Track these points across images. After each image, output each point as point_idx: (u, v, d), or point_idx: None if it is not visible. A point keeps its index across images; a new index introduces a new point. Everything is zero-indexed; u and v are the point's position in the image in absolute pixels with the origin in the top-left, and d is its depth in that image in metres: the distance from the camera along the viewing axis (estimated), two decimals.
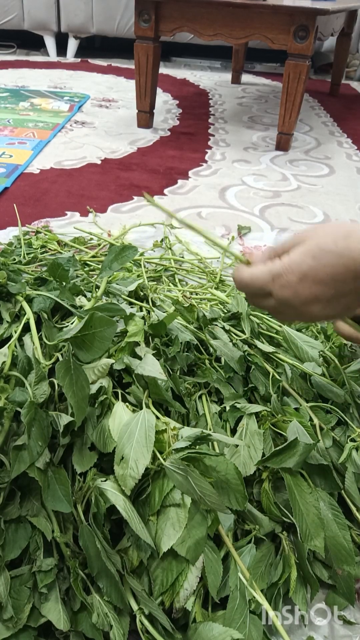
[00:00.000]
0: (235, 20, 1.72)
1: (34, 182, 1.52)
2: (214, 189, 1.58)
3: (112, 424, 0.54)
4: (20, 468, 0.49)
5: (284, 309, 0.55)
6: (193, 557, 0.49)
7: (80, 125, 2.07)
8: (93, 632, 0.48)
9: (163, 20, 1.80)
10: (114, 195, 1.47)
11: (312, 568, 0.55)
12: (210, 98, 2.66)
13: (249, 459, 0.59)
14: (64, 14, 3.28)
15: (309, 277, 0.51)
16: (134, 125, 2.07)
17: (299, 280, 0.52)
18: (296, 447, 0.56)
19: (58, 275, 0.70)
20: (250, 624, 0.49)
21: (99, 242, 1.13)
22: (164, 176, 1.63)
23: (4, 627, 0.47)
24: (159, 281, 1.01)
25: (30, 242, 1.06)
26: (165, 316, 0.68)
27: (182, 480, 0.49)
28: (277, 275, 0.53)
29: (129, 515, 0.49)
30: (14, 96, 2.39)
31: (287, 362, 0.71)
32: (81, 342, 0.56)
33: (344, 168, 1.84)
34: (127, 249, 0.64)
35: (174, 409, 0.61)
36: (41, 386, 0.54)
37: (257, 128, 2.21)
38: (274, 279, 0.54)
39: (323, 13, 1.64)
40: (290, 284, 0.52)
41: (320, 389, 0.69)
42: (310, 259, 0.51)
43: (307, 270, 0.51)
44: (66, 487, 0.51)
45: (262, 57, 3.47)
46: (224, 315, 0.79)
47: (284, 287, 0.53)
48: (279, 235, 1.32)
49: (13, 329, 0.63)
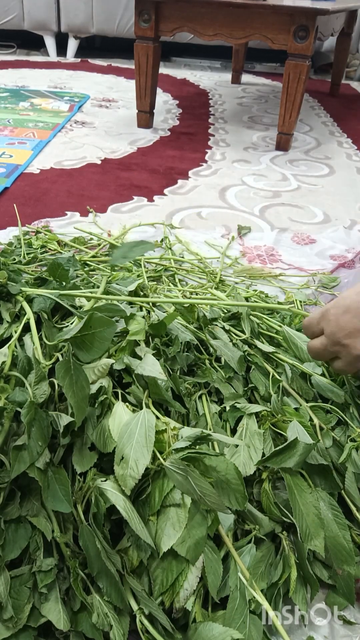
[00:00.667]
0: (235, 20, 1.72)
1: (34, 182, 1.52)
2: (214, 189, 1.58)
3: (112, 424, 0.54)
4: (20, 468, 0.49)
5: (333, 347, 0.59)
6: (193, 557, 0.49)
7: (80, 125, 2.07)
8: (93, 632, 0.48)
9: (163, 20, 1.80)
10: (114, 195, 1.47)
11: (312, 568, 0.55)
12: (210, 98, 2.66)
13: (249, 459, 0.59)
14: (64, 14, 3.27)
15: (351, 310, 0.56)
16: (134, 125, 2.07)
17: (342, 313, 0.57)
18: (296, 447, 0.56)
19: (58, 275, 0.70)
20: (250, 624, 0.49)
21: (99, 242, 1.13)
22: (164, 176, 1.63)
23: (4, 627, 0.47)
24: (159, 281, 1.01)
25: (30, 242, 1.06)
26: (166, 316, 0.68)
27: (182, 480, 0.49)
28: (326, 311, 0.59)
29: (129, 515, 0.49)
30: (14, 96, 2.39)
31: (287, 362, 0.71)
32: (81, 342, 0.56)
33: (344, 168, 1.84)
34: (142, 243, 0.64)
35: (174, 409, 0.61)
36: (41, 386, 0.54)
37: (257, 128, 2.21)
38: (323, 315, 0.59)
39: (323, 13, 1.64)
40: (335, 316, 0.57)
41: (320, 389, 0.69)
42: (355, 294, 0.57)
43: (350, 304, 0.56)
44: (66, 487, 0.51)
45: (262, 57, 3.47)
46: (224, 315, 0.79)
47: (330, 320, 0.58)
48: (279, 235, 1.32)
49: (13, 329, 0.63)
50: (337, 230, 1.37)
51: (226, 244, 1.23)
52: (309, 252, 1.26)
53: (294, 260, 1.22)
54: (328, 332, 0.58)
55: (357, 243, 1.31)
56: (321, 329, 0.60)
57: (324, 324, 0.59)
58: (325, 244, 1.29)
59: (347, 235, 1.35)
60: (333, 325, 0.57)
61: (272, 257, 1.22)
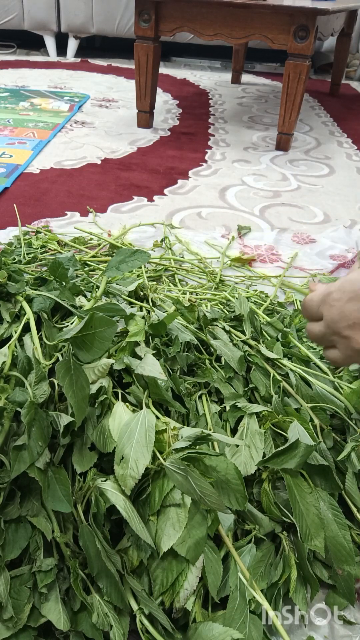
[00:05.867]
0: (235, 20, 1.72)
1: (34, 182, 1.52)
2: (214, 189, 1.57)
3: (112, 424, 0.54)
4: (20, 468, 0.49)
5: (331, 336, 0.51)
6: (193, 557, 0.49)
7: (80, 125, 2.07)
8: (93, 632, 0.48)
9: (163, 20, 1.80)
10: (114, 195, 1.47)
11: (312, 568, 0.55)
12: (210, 98, 2.66)
13: (249, 459, 0.59)
14: (64, 14, 3.27)
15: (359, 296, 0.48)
16: (134, 125, 2.07)
17: (348, 299, 0.48)
18: (297, 448, 0.56)
19: (58, 274, 0.70)
20: (250, 624, 0.49)
21: (99, 242, 1.13)
22: (164, 176, 1.63)
23: (4, 627, 0.47)
24: (159, 281, 1.01)
25: (30, 242, 1.06)
26: (166, 316, 0.68)
27: (182, 480, 0.49)
28: (329, 294, 0.50)
29: (129, 515, 0.49)
30: (14, 96, 2.39)
31: (289, 367, 0.71)
32: (81, 342, 0.56)
33: (344, 168, 1.84)
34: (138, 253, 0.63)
35: (174, 409, 0.61)
36: (41, 386, 0.54)
37: (257, 128, 2.21)
38: (325, 298, 0.51)
39: (323, 13, 1.64)
40: (338, 301, 0.49)
41: (322, 400, 0.68)
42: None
43: (358, 290, 0.48)
44: (66, 487, 0.51)
45: (262, 57, 3.47)
46: (225, 315, 0.79)
47: (332, 305, 0.50)
48: (279, 235, 1.32)
49: (13, 329, 0.63)
50: (337, 230, 1.37)
51: (226, 244, 1.23)
52: (309, 252, 1.26)
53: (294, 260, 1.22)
54: (328, 319, 0.50)
55: (357, 243, 1.31)
56: (321, 313, 0.52)
57: (324, 309, 0.51)
58: (325, 244, 1.29)
59: (347, 235, 1.35)
60: (335, 312, 0.49)
61: (273, 257, 1.22)
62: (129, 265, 0.64)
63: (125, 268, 0.63)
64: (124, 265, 0.63)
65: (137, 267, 0.73)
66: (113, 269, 0.64)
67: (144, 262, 0.66)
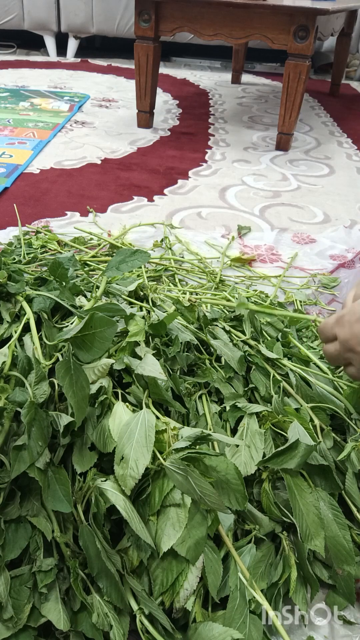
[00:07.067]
0: (235, 20, 1.72)
1: (34, 182, 1.52)
2: (214, 189, 1.57)
3: (112, 424, 0.54)
4: (20, 468, 0.49)
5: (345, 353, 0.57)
6: (193, 557, 0.49)
7: (80, 125, 2.07)
8: (93, 632, 0.48)
9: (163, 20, 1.80)
10: (114, 195, 1.47)
11: (312, 568, 0.55)
12: (210, 98, 2.66)
13: (249, 459, 0.59)
14: (64, 14, 3.27)
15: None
16: (134, 125, 2.07)
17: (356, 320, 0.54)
18: (297, 448, 0.56)
19: (58, 274, 0.70)
20: (250, 624, 0.49)
21: (99, 242, 1.13)
22: (164, 176, 1.63)
23: (4, 627, 0.47)
24: (159, 281, 1.01)
25: (30, 242, 1.06)
26: (166, 316, 0.68)
27: (182, 480, 0.49)
28: (341, 317, 0.57)
29: (129, 515, 0.49)
30: (14, 96, 2.39)
31: (289, 367, 0.71)
32: (81, 342, 0.56)
33: (344, 168, 1.84)
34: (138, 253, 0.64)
35: (174, 409, 0.61)
36: (41, 386, 0.54)
37: (257, 128, 2.21)
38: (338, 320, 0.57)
39: (323, 13, 1.64)
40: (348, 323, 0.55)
41: (322, 399, 0.68)
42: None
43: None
44: (66, 487, 0.51)
45: (262, 57, 3.47)
46: (225, 315, 0.79)
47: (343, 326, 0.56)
48: (279, 235, 1.32)
49: (13, 329, 0.63)
50: (337, 230, 1.37)
51: (226, 244, 1.23)
52: (309, 252, 1.26)
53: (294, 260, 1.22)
54: (342, 339, 0.57)
55: (357, 243, 1.31)
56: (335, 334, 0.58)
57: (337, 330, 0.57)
58: (325, 244, 1.29)
59: (347, 235, 1.35)
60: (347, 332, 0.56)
61: (273, 257, 1.22)
62: (129, 265, 0.64)
63: (125, 268, 0.63)
64: (124, 265, 0.64)
65: (137, 267, 0.74)
66: (113, 269, 0.64)
67: (144, 262, 0.66)
